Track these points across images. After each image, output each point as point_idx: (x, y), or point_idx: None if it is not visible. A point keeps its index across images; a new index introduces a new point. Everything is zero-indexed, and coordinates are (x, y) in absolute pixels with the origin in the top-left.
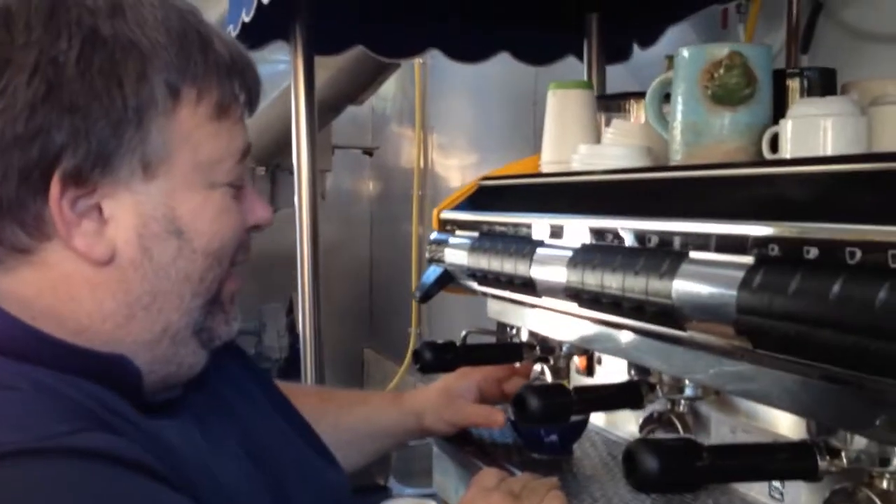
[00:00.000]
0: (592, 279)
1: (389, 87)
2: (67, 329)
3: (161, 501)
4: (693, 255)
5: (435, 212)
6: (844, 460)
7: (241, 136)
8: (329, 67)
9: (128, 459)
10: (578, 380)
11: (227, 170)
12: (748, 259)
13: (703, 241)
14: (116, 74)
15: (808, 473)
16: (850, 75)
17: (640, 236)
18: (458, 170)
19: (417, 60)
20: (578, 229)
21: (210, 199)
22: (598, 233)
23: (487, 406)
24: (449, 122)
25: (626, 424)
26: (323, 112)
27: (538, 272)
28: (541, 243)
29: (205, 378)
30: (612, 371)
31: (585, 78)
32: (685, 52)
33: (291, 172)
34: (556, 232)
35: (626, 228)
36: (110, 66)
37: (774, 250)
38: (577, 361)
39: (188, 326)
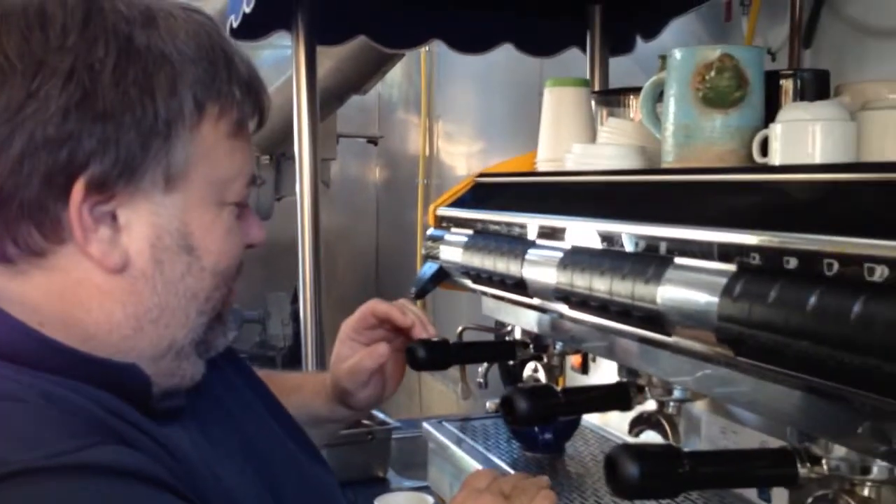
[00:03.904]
0: (581, 282)
1: (396, 75)
2: (74, 337)
3: None
4: (678, 260)
5: (431, 208)
6: (825, 468)
7: (251, 157)
8: (332, 57)
9: (141, 473)
10: (574, 377)
11: (237, 190)
12: (731, 267)
13: (688, 247)
14: (150, 86)
15: (789, 480)
16: (853, 71)
17: (628, 240)
18: (463, 158)
19: (423, 49)
20: (569, 231)
21: (219, 218)
22: (587, 235)
23: (365, 349)
24: (455, 111)
25: (619, 423)
26: (326, 101)
27: (529, 273)
28: (532, 244)
29: (202, 380)
30: (607, 369)
31: (588, 70)
32: (677, 54)
33: None
34: (548, 233)
35: (615, 232)
36: (144, 77)
37: (756, 259)
38: (572, 360)
39: (192, 343)
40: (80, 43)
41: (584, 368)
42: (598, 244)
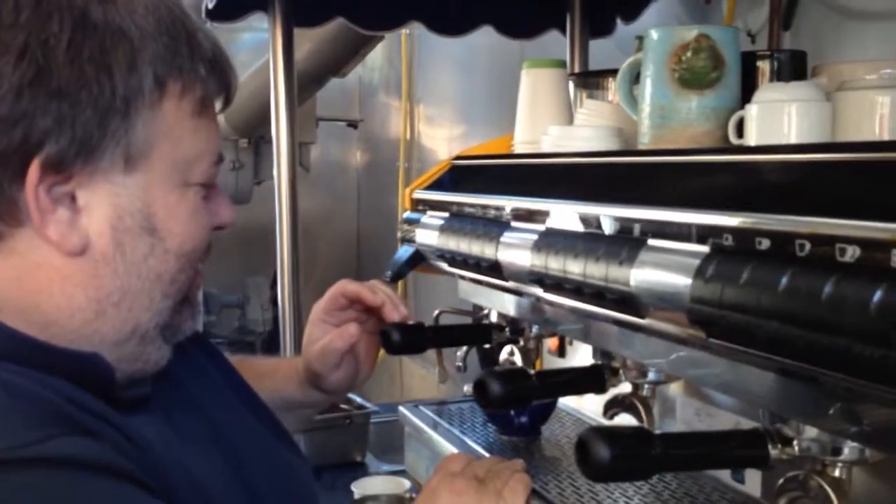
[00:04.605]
0: (555, 264)
1: (377, 58)
2: (34, 323)
3: None
4: (651, 242)
5: (407, 191)
6: (796, 449)
7: (217, 136)
8: (311, 39)
9: (103, 464)
10: (551, 360)
11: (203, 170)
12: (704, 248)
13: (661, 229)
14: (106, 62)
15: (760, 461)
16: (833, 53)
17: (603, 222)
18: (444, 141)
19: (404, 31)
20: (544, 213)
21: (184, 199)
22: (562, 218)
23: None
24: (436, 94)
25: (595, 406)
26: (305, 84)
27: (504, 255)
28: (508, 226)
29: (168, 368)
30: (584, 352)
31: (568, 52)
32: (653, 34)
33: None
34: (523, 215)
35: (589, 214)
36: (101, 53)
37: (728, 240)
38: (549, 343)
39: (156, 326)
40: (33, 19)
41: (562, 352)
42: (572, 226)
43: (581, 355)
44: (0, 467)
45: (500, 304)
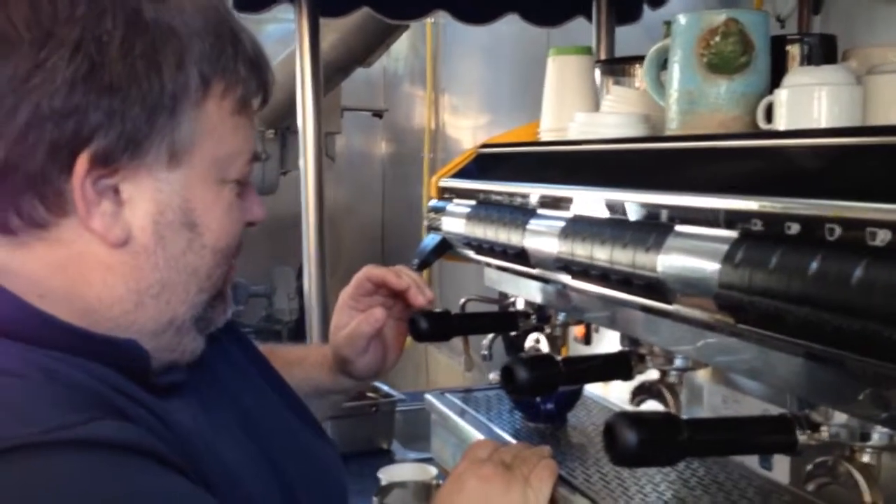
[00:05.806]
0: (582, 251)
1: (402, 47)
2: (75, 311)
3: (174, 490)
4: (679, 228)
5: (433, 179)
6: (825, 434)
7: (254, 135)
8: (337, 29)
9: (140, 447)
10: (577, 348)
11: (239, 168)
12: (732, 233)
13: (689, 215)
14: (156, 60)
15: (788, 447)
16: (863, 37)
17: (630, 208)
18: (469, 131)
19: (429, 20)
20: (571, 200)
21: (220, 196)
22: (589, 204)
23: (362, 314)
24: (461, 83)
25: (621, 393)
26: (331, 74)
27: (531, 243)
28: (534, 213)
29: (202, 355)
30: (610, 339)
31: (594, 39)
32: (682, 19)
33: None
34: (550, 202)
35: (616, 200)
36: (152, 50)
37: (757, 225)
38: (575, 330)
39: (192, 319)
40: (88, 14)
41: (588, 339)
42: (599, 213)
43: (607, 343)
44: (38, 450)
45: (526, 292)
